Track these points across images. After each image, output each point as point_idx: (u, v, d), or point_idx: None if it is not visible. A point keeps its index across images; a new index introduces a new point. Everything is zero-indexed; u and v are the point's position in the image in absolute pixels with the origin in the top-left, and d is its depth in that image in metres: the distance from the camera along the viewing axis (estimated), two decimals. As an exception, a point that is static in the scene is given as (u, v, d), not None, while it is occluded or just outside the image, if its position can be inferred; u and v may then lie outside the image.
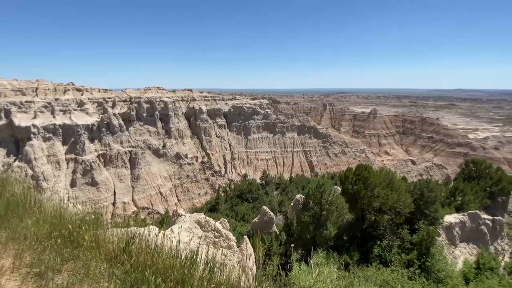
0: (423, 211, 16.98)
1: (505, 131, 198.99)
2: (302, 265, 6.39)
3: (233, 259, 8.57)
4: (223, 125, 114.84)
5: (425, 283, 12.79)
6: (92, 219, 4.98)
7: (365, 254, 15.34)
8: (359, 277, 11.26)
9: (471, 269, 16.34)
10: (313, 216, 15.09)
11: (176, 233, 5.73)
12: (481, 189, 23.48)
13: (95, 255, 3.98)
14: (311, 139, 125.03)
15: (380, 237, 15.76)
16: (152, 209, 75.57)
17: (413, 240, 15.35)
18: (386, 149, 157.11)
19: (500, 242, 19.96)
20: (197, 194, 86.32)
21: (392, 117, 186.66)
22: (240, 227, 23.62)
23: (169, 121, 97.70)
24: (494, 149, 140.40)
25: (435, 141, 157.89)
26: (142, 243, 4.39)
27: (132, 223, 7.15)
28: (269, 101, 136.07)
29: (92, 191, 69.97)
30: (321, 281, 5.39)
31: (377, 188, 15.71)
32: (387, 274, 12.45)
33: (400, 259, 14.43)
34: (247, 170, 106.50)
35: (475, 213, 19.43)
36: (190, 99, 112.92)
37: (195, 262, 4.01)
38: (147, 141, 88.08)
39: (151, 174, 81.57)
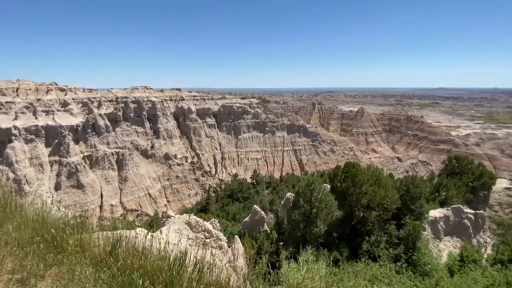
0: (409, 206, 17.45)
1: (486, 128, 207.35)
2: (291, 263, 6.44)
3: (224, 259, 8.54)
4: (212, 124, 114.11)
5: (412, 277, 13.15)
6: (76, 222, 4.83)
7: (354, 250, 15.62)
8: (348, 273, 11.45)
9: (455, 262, 16.93)
10: (303, 214, 15.23)
11: (164, 234, 5.64)
12: (464, 184, 24.40)
13: (80, 259, 3.86)
14: (300, 138, 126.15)
15: (369, 233, 16.08)
16: (141, 211, 74.20)
17: (400, 235, 15.75)
18: (373, 147, 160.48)
19: (482, 235, 20.76)
20: (187, 195, 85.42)
21: (379, 115, 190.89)
22: (231, 227, 23.54)
23: (157, 121, 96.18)
24: (475, 146, 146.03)
25: (420, 139, 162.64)
26: (129, 246, 4.30)
27: (120, 226, 7.00)
28: (259, 101, 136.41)
29: (78, 194, 67.99)
30: (309, 278, 5.44)
31: (365, 185, 16.02)
32: (375, 269, 12.73)
33: (388, 254, 14.78)
34: (238, 170, 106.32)
35: (458, 207, 20.13)
36: (178, 99, 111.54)
37: (184, 263, 3.97)
38: (134, 142, 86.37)
39: (139, 176, 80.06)
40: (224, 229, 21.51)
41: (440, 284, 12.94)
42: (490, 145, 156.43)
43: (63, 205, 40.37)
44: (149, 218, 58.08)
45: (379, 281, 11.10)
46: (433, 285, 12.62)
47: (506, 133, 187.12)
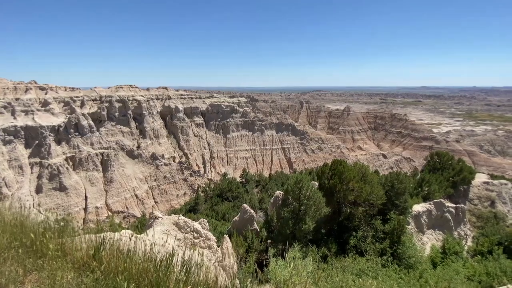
0: (394, 202, 17.95)
1: (465, 125, 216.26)
2: (279, 260, 6.48)
3: (213, 258, 8.48)
4: (201, 123, 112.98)
5: (397, 270, 13.55)
6: (58, 226, 4.66)
7: (342, 246, 15.92)
8: (337, 268, 11.66)
9: (437, 254, 17.59)
10: (292, 212, 15.35)
11: (151, 236, 5.54)
12: (445, 179, 25.33)
13: (62, 264, 3.73)
14: (289, 136, 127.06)
15: (356, 228, 16.44)
16: (127, 213, 72.58)
17: (386, 229, 16.19)
18: (359, 144, 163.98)
19: (463, 228, 21.65)
20: (175, 195, 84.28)
21: (364, 113, 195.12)
22: (220, 227, 23.41)
23: (144, 120, 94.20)
24: (455, 142, 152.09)
25: (403, 136, 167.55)
26: (113, 249, 4.19)
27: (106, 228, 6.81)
28: (248, 99, 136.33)
29: (61, 196, 65.63)
30: (296, 274, 5.49)
31: (351, 181, 16.34)
32: (362, 263, 13.04)
33: (374, 248, 15.17)
34: (227, 169, 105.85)
35: (440, 201, 20.89)
36: (165, 98, 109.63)
37: (171, 264, 3.91)
38: (120, 142, 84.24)
39: (125, 177, 78.21)
40: (213, 229, 21.37)
41: (424, 276, 13.42)
42: (469, 142, 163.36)
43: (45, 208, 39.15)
44: (136, 220, 56.88)
45: (366, 275, 11.36)
46: (417, 277, 13.06)
47: (484, 130, 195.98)
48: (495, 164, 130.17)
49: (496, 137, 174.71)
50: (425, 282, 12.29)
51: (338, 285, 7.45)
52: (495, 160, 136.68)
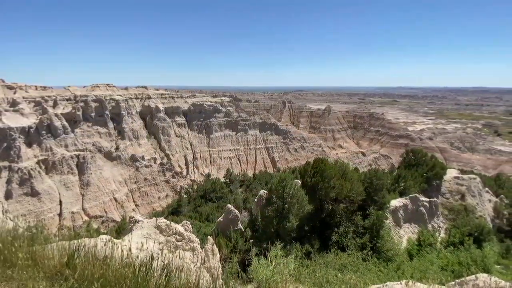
0: (373, 197, 18.61)
1: (437, 124, 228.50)
2: (261, 259, 6.51)
3: (197, 261, 8.36)
4: (182, 124, 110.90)
5: (377, 263, 14.09)
6: (28, 234, 4.40)
7: (324, 242, 16.30)
8: (320, 264, 11.92)
9: (414, 246, 18.47)
10: (276, 210, 15.48)
11: (129, 240, 5.37)
12: (419, 175, 26.61)
13: (33, 273, 3.52)
14: (272, 135, 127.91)
15: (337, 224, 16.88)
16: (106, 217, 69.74)
17: (366, 224, 16.77)
18: (340, 143, 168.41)
19: (436, 221, 22.87)
20: (157, 198, 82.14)
21: (344, 113, 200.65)
22: (204, 228, 23.13)
23: (122, 121, 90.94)
24: (428, 140, 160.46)
25: (381, 134, 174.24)
26: (89, 255, 4.02)
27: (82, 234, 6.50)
28: (231, 99, 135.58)
29: (33, 202, 61.82)
30: (278, 272, 5.55)
31: (333, 179, 16.76)
32: (344, 258, 13.43)
33: (355, 243, 15.66)
34: (211, 170, 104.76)
35: (415, 196, 21.91)
36: (145, 97, 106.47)
37: (151, 269, 3.81)
38: (97, 144, 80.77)
39: (103, 180, 75.09)
40: (197, 231, 21.05)
41: (401, 267, 14.05)
42: (441, 139, 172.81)
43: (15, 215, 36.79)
44: (115, 224, 54.83)
45: (347, 270, 11.71)
46: (395, 269, 13.64)
47: (454, 128, 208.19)
48: (464, 159, 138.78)
49: (465, 135, 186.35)
50: (402, 273, 12.87)
51: (319, 281, 7.61)
52: (464, 156, 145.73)
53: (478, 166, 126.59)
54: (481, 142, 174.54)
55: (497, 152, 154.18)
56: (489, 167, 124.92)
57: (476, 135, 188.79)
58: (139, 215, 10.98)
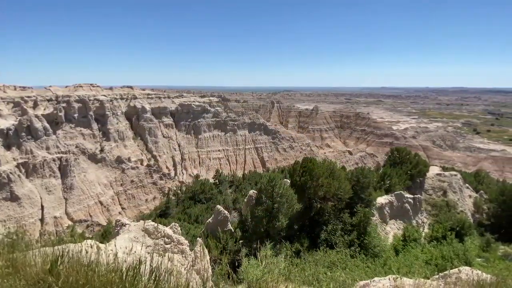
0: (359, 195, 19.02)
1: (420, 123, 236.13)
2: (251, 260, 6.52)
3: (187, 263, 8.28)
4: (170, 124, 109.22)
5: (364, 259, 14.43)
6: (8, 240, 4.22)
7: (314, 240, 16.52)
8: (309, 262, 12.07)
9: (399, 242, 19.03)
10: (266, 210, 15.54)
11: (115, 245, 5.24)
12: (404, 173, 27.44)
13: (14, 281, 3.39)
14: (261, 136, 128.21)
15: (326, 222, 17.15)
16: (91, 222, 67.74)
17: (353, 222, 17.12)
18: (327, 142, 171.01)
19: (420, 216, 23.67)
20: (144, 200, 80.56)
21: (331, 113, 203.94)
22: (193, 230, 22.91)
23: (107, 122, 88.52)
24: (412, 138, 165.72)
25: (367, 133, 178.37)
26: (73, 261, 3.89)
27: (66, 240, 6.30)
28: (219, 99, 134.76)
29: (13, 207, 59.14)
30: (268, 272, 5.56)
31: (321, 178, 17.01)
32: (333, 255, 13.66)
33: (343, 241, 15.97)
34: (199, 171, 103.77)
35: (400, 193, 22.58)
36: (130, 97, 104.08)
37: (139, 273, 3.74)
38: (80, 146, 78.25)
39: (87, 182, 72.87)
40: (186, 233, 20.82)
41: (388, 263, 14.44)
42: (423, 137, 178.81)
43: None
44: (101, 228, 53.29)
45: (336, 267, 11.93)
46: (382, 264, 14.01)
47: (436, 127, 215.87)
48: (446, 157, 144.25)
49: (446, 133, 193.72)
50: (389, 268, 13.23)
51: (309, 279, 7.71)
52: (446, 153, 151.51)
53: (458, 163, 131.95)
54: (461, 140, 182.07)
55: (476, 149, 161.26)
56: (469, 164, 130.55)
57: (456, 134, 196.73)
58: (125, 219, 10.74)
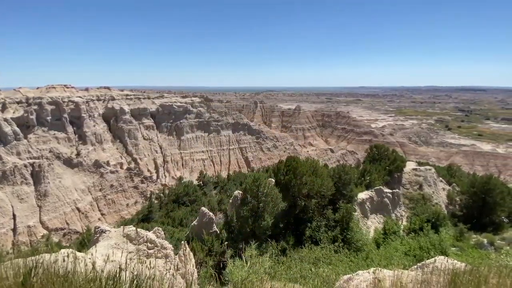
0: (342, 192, 19.54)
1: (397, 120, 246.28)
2: (236, 261, 6.51)
3: (171, 268, 8.12)
4: (150, 126, 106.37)
5: (348, 253, 14.84)
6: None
7: (299, 237, 16.76)
8: (295, 259, 12.24)
9: (380, 235, 19.75)
10: (251, 210, 15.57)
11: (92, 253, 5.04)
12: (382, 169, 28.52)
13: None
14: (245, 136, 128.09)
15: (310, 219, 17.47)
16: (68, 229, 64.54)
17: (336, 218, 17.56)
18: (310, 141, 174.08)
19: (398, 210, 24.69)
20: (125, 205, 77.89)
21: (313, 112, 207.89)
22: (178, 233, 22.48)
23: (83, 124, 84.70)
24: (389, 135, 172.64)
25: (347, 131, 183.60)
26: (48, 272, 3.69)
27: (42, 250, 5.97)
28: (202, 99, 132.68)
29: (-22, 218, 55.09)
30: (254, 272, 5.57)
31: (304, 176, 17.30)
32: (318, 251, 13.94)
33: (327, 236, 16.34)
34: (183, 173, 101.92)
35: (379, 188, 23.43)
36: (108, 99, 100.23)
37: (119, 281, 3.62)
38: (54, 150, 74.29)
39: (63, 189, 69.32)
40: (170, 236, 20.38)
41: (370, 256, 14.95)
42: (400, 134, 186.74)
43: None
44: (79, 236, 50.89)
45: (321, 262, 12.18)
46: (364, 257, 14.47)
47: (411, 124, 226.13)
48: (421, 152, 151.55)
49: (421, 130, 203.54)
50: (371, 261, 13.72)
51: (294, 276, 7.82)
52: (421, 149, 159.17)
53: (432, 158, 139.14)
54: (434, 136, 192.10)
55: (448, 144, 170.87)
56: (442, 159, 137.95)
57: (430, 130, 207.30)
58: (105, 225, 10.35)
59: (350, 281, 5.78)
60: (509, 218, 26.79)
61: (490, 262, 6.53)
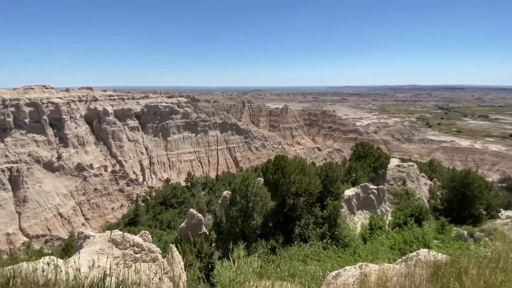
0: (329, 189, 19.85)
1: (380, 118, 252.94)
2: (224, 262, 6.48)
3: (158, 271, 7.98)
4: (136, 127, 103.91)
5: (336, 250, 15.13)
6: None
7: (288, 235, 16.91)
8: (284, 257, 12.33)
9: (366, 231, 20.23)
10: (240, 210, 15.55)
11: (79, 259, 4.87)
12: (368, 166, 29.22)
13: None
14: (233, 135, 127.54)
15: (299, 217, 17.66)
16: (50, 236, 62.09)
17: (324, 215, 17.84)
18: (298, 139, 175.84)
19: (384, 205, 25.38)
20: (111, 209, 75.78)
21: (300, 111, 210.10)
22: (166, 236, 22.14)
23: (64, 126, 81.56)
24: (374, 133, 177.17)
25: (333, 130, 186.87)
26: (27, 282, 3.53)
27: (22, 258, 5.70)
28: (188, 99, 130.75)
29: (-50, 227, 51.97)
30: (242, 272, 5.55)
31: (293, 174, 17.47)
32: (307, 249, 14.12)
33: (316, 234, 16.58)
34: (170, 174, 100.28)
35: (365, 185, 23.98)
36: (90, 99, 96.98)
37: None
38: (34, 154, 71.15)
39: (44, 194, 66.56)
40: (158, 240, 20.04)
41: (357, 251, 15.29)
42: (384, 132, 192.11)
43: None
44: (62, 243, 49.13)
45: (310, 259, 12.35)
46: (351, 253, 14.79)
47: (394, 122, 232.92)
48: (404, 149, 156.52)
49: (404, 127, 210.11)
50: (359, 256, 14.03)
51: (284, 275, 7.88)
52: (404, 146, 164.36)
53: (415, 154, 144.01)
54: (416, 133, 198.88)
55: (429, 141, 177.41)
56: (423, 155, 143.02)
57: (412, 127, 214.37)
58: (89, 230, 10.02)
59: (338, 277, 5.89)
60: (487, 211, 28.11)
61: (470, 253, 6.84)
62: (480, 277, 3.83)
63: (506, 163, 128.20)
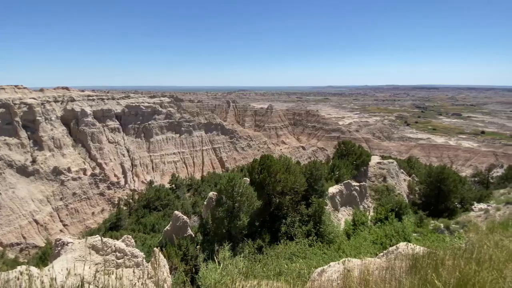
0: (313, 187, 20.19)
1: (362, 117, 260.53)
2: (209, 264, 6.43)
3: (142, 276, 7.78)
4: (116, 128, 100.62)
5: (321, 246, 15.42)
6: None
7: (274, 234, 17.02)
8: (271, 256, 12.41)
9: (350, 227, 20.78)
10: (226, 210, 15.46)
11: (56, 267, 4.66)
12: (350, 163, 30.00)
13: None
14: (219, 135, 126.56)
15: (285, 215, 17.83)
16: (26, 244, 58.80)
17: (309, 212, 18.13)
18: (283, 139, 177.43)
19: (366, 202, 26.16)
20: (91, 214, 72.89)
21: (285, 111, 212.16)
22: (150, 240, 21.61)
23: (38, 128, 77.51)
24: (356, 132, 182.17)
25: (317, 129, 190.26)
26: None
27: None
28: (171, 99, 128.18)
29: None
30: (228, 274, 5.54)
31: (278, 174, 17.61)
32: (293, 247, 14.30)
33: (302, 231, 16.81)
34: (153, 176, 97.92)
35: (348, 182, 24.62)
36: (67, 100, 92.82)
37: None
38: (6, 158, 67.09)
39: (18, 200, 62.91)
40: (142, 244, 19.54)
41: (341, 247, 15.67)
42: (365, 130, 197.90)
43: None
44: (39, 251, 46.60)
45: (296, 257, 12.51)
46: (336, 249, 15.13)
47: (375, 120, 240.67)
48: (384, 147, 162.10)
49: (384, 126, 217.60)
50: (343, 252, 14.40)
51: (270, 273, 7.94)
52: (384, 144, 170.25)
53: (394, 151, 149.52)
54: (395, 132, 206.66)
55: (408, 139, 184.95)
56: (402, 152, 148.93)
57: (391, 126, 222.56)
58: (68, 236, 9.59)
59: (323, 273, 6.02)
60: (461, 204, 29.70)
61: (446, 245, 7.21)
62: (455, 268, 4.02)
63: (478, 158, 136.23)
